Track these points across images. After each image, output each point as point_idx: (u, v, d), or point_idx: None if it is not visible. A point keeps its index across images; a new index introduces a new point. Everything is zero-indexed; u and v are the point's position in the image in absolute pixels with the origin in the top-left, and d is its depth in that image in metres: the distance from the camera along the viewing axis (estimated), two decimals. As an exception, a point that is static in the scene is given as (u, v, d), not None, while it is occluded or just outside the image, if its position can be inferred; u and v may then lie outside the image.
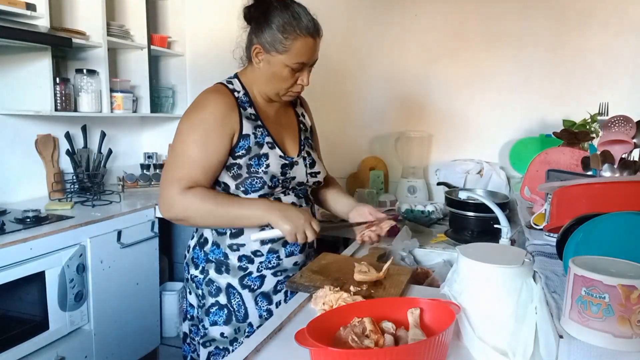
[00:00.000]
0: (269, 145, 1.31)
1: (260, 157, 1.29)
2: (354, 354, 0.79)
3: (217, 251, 1.34)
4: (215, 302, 1.33)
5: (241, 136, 1.28)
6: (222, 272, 1.33)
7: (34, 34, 1.93)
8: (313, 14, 1.28)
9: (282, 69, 1.26)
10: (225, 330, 1.33)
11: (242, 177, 1.28)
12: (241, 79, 1.36)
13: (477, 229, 1.76)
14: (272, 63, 1.27)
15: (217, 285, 1.33)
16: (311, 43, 1.26)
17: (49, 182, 2.38)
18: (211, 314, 1.34)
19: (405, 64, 2.59)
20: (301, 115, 1.50)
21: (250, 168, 1.28)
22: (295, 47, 1.24)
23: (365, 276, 1.22)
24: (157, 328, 2.45)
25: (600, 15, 2.22)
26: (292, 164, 1.34)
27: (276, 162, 1.31)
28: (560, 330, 0.69)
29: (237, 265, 1.33)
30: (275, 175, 1.30)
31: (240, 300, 1.33)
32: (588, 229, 0.83)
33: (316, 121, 1.59)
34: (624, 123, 1.19)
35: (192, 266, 1.39)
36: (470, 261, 0.94)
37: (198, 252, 1.37)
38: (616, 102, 1.77)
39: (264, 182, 1.28)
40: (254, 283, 1.34)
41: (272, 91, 1.32)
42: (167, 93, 2.96)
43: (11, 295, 1.72)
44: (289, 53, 1.24)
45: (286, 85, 1.30)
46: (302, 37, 1.24)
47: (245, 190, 1.29)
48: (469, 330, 0.92)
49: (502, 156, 2.44)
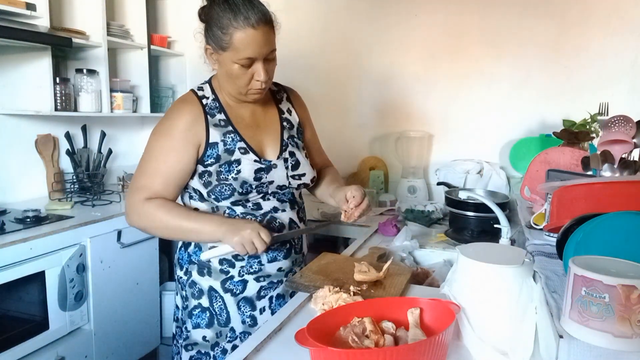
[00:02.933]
0: (241, 151, 1.27)
1: (231, 164, 1.25)
2: (353, 353, 0.79)
3: (199, 253, 1.32)
4: (197, 304, 1.32)
5: (208, 145, 1.25)
6: (204, 275, 1.32)
7: (34, 34, 1.93)
8: (265, 3, 1.20)
9: (231, 67, 1.19)
10: (207, 333, 1.31)
11: (212, 184, 1.26)
12: (212, 83, 1.33)
13: (477, 229, 1.76)
14: (221, 62, 1.22)
15: (200, 288, 1.32)
16: (254, 34, 1.15)
17: (49, 182, 2.38)
18: (194, 316, 1.32)
19: (406, 64, 2.59)
20: (286, 111, 1.41)
21: (219, 175, 1.25)
22: (235, 41, 1.15)
23: (365, 276, 1.22)
24: (157, 328, 2.45)
25: (600, 15, 2.22)
26: (269, 168, 1.29)
27: (249, 168, 1.26)
28: (560, 330, 0.69)
29: (219, 269, 1.31)
30: (247, 181, 1.25)
31: (222, 304, 1.31)
32: (588, 229, 0.84)
33: (316, 121, 1.57)
34: (624, 123, 1.19)
35: (178, 267, 1.38)
36: (470, 261, 0.94)
37: (183, 254, 1.36)
38: (616, 102, 1.78)
39: (233, 188, 1.24)
40: (236, 287, 1.31)
41: (233, 91, 1.27)
42: (167, 93, 2.96)
43: (11, 295, 1.72)
44: (231, 49, 1.16)
45: (243, 83, 1.22)
46: (241, 29, 1.14)
47: (216, 198, 1.27)
48: (469, 330, 0.92)
49: (502, 156, 2.45)
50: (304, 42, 2.69)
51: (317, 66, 2.75)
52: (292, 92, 1.48)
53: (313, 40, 2.71)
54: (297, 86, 1.52)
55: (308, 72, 2.73)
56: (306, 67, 2.73)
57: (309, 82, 2.70)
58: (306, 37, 2.66)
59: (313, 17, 2.69)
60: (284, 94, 1.45)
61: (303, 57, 2.70)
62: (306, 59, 2.72)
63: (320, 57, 2.73)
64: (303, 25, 2.68)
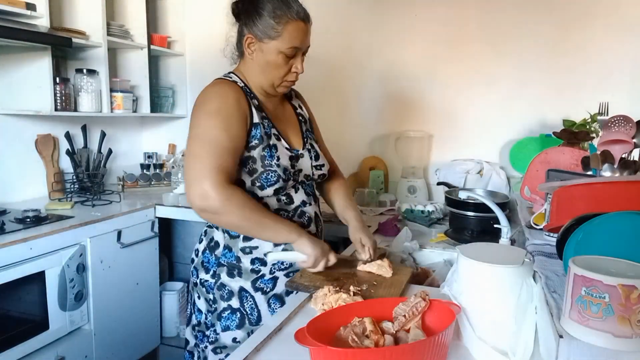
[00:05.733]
0: (275, 137, 1.31)
1: (272, 148, 1.28)
2: (353, 353, 0.79)
3: (229, 255, 1.32)
4: (227, 306, 1.32)
5: (252, 124, 1.27)
6: (235, 276, 1.32)
7: (34, 34, 1.93)
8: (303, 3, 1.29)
9: (276, 56, 1.26)
10: (238, 334, 1.31)
11: (257, 171, 1.27)
12: (237, 74, 1.35)
13: (477, 229, 1.76)
14: (265, 51, 1.27)
15: (229, 289, 1.32)
16: (303, 27, 1.27)
17: (49, 182, 2.38)
18: (223, 319, 1.32)
19: (406, 64, 2.59)
20: (298, 107, 1.50)
21: (264, 160, 1.27)
22: (287, 31, 1.24)
23: (372, 268, 1.25)
24: (157, 328, 2.45)
25: (600, 15, 2.22)
26: (298, 157, 1.34)
27: (285, 154, 1.30)
28: (560, 330, 0.69)
29: (250, 269, 1.31)
30: (287, 168, 1.29)
31: (253, 303, 1.31)
32: (588, 229, 0.83)
33: (316, 121, 1.58)
34: (624, 123, 1.19)
35: (202, 270, 1.37)
36: (470, 261, 0.94)
37: (209, 256, 1.36)
38: (616, 102, 1.77)
39: (278, 175, 1.27)
40: (267, 285, 1.32)
41: (267, 82, 1.30)
42: (167, 93, 2.96)
43: (11, 295, 1.72)
44: (281, 38, 1.24)
45: (281, 74, 1.29)
46: (294, 21, 1.25)
47: (261, 186, 1.28)
48: (469, 330, 0.92)
49: (502, 156, 2.44)
50: (304, 42, 2.68)
51: (317, 66, 2.74)
52: (297, 92, 1.56)
53: (313, 40, 2.70)
54: (297, 85, 1.52)
55: (308, 71, 2.71)
56: (306, 67, 2.72)
57: (309, 82, 2.68)
58: (306, 37, 2.65)
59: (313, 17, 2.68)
60: (292, 92, 1.52)
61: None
62: (306, 58, 2.71)
63: (321, 57, 2.73)
64: (303, 25, 2.68)
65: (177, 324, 2.57)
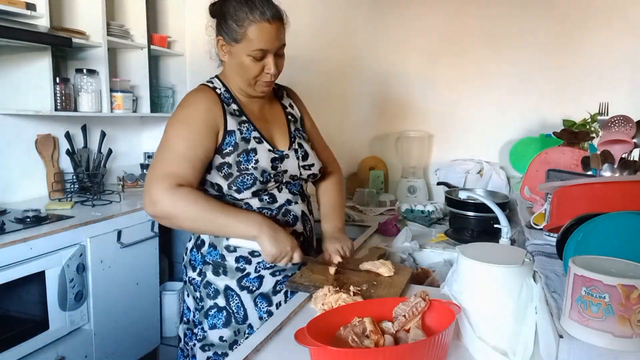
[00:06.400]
0: (256, 140, 1.30)
1: (249, 153, 1.28)
2: (353, 353, 0.79)
3: (213, 253, 1.33)
4: (213, 304, 1.33)
5: (226, 132, 1.28)
6: (220, 274, 1.32)
7: (34, 34, 1.93)
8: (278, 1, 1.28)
9: (244, 59, 1.25)
10: (225, 333, 1.32)
11: (233, 175, 1.27)
12: (220, 78, 1.36)
13: (477, 229, 1.76)
14: (234, 54, 1.27)
15: (215, 288, 1.33)
16: (267, 28, 1.23)
17: (49, 182, 2.38)
18: (210, 317, 1.33)
19: (406, 64, 2.59)
20: (289, 106, 1.48)
21: (239, 165, 1.27)
22: (250, 34, 1.22)
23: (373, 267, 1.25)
24: (157, 328, 2.45)
25: (600, 16, 2.22)
26: (282, 157, 1.34)
27: (266, 157, 1.30)
28: (560, 330, 0.69)
29: (235, 267, 1.32)
30: (266, 170, 1.29)
31: (239, 301, 1.32)
32: (588, 229, 0.83)
33: (316, 121, 1.58)
34: (624, 123, 1.19)
35: (190, 268, 1.38)
36: (470, 261, 0.94)
37: (195, 254, 1.37)
38: (616, 102, 1.77)
39: (255, 178, 1.27)
40: (253, 284, 1.33)
41: (243, 84, 1.31)
42: (167, 93, 2.96)
43: (11, 295, 1.72)
44: (245, 41, 1.23)
45: (253, 75, 1.27)
46: (256, 23, 1.22)
47: (237, 189, 1.28)
48: (469, 330, 0.92)
49: (502, 156, 2.44)
50: (304, 42, 2.68)
51: (317, 65, 2.75)
52: (290, 90, 1.54)
53: (313, 40, 2.70)
54: (297, 85, 1.53)
55: (308, 71, 2.72)
56: (306, 67, 2.72)
57: (309, 82, 2.69)
58: (306, 36, 2.65)
59: (313, 17, 2.69)
60: (283, 91, 1.51)
61: (303, 57, 2.70)
62: (306, 58, 2.72)
63: (321, 57, 2.73)
64: (303, 25, 2.68)
65: (177, 324, 2.57)
